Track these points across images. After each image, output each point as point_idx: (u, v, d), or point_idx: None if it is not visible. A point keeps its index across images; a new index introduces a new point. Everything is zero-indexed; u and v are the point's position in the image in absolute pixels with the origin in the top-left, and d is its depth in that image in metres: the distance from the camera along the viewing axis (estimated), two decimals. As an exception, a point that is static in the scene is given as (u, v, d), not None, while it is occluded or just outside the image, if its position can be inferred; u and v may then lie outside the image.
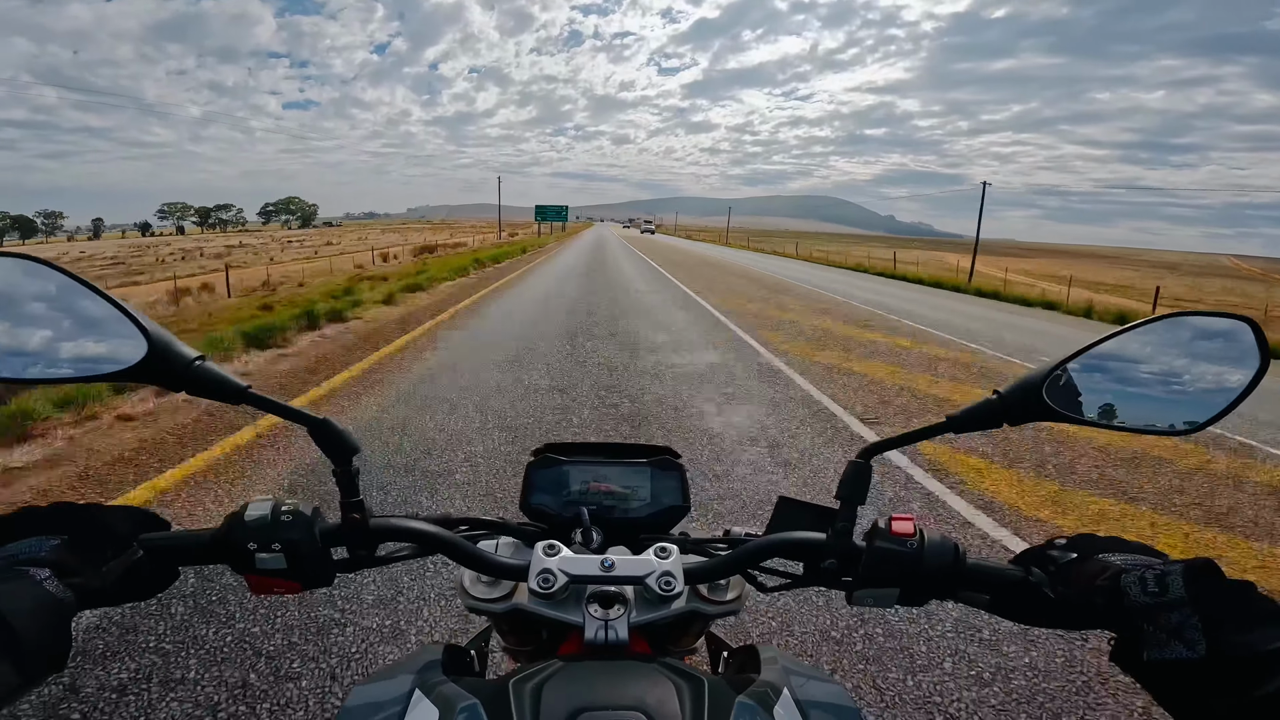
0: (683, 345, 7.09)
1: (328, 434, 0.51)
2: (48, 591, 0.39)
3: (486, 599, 0.57)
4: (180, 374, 0.46)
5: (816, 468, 3.63)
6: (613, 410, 4.52)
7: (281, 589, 0.51)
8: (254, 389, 0.48)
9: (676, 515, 0.66)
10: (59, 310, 0.45)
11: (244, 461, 3.36)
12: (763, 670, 0.49)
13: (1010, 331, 10.53)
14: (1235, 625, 0.39)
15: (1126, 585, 0.43)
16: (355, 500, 0.52)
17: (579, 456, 0.68)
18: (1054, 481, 3.62)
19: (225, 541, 0.49)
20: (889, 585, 0.52)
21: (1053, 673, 1.98)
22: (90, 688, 1.74)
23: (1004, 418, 0.50)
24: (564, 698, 0.41)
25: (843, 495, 0.54)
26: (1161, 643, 0.41)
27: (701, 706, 0.41)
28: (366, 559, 0.54)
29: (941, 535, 0.52)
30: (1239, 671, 0.37)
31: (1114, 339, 0.50)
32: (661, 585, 0.51)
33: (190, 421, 3.95)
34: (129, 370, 0.45)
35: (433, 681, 0.46)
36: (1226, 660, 0.38)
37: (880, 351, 7.41)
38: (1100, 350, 0.50)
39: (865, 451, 0.53)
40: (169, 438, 3.70)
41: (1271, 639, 0.37)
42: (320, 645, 1.96)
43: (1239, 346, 0.47)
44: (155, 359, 0.45)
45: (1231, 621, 0.39)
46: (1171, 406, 0.50)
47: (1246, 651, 0.37)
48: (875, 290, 17.35)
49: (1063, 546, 0.51)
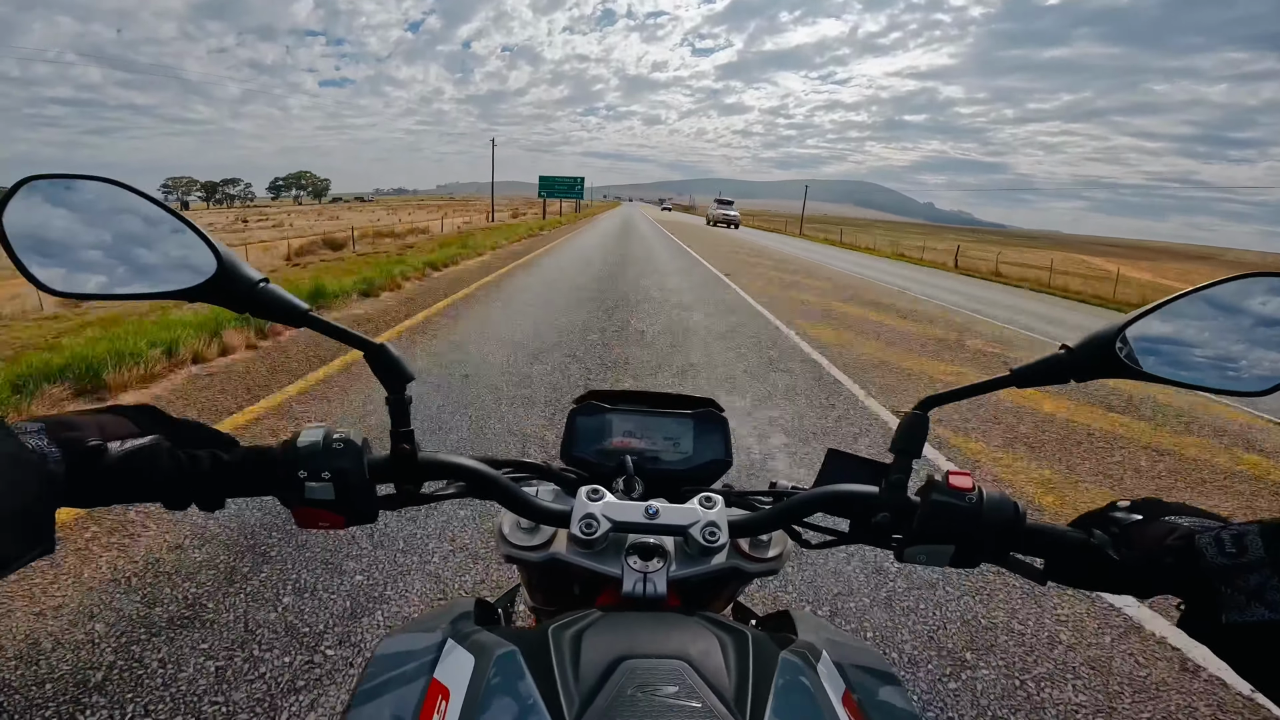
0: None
1: (383, 359, 0.51)
2: (18, 441, 0.36)
3: (526, 546, 0.57)
4: (245, 294, 0.48)
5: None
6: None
7: (327, 523, 0.51)
8: (313, 312, 0.49)
9: (719, 469, 0.67)
10: (139, 230, 0.47)
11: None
12: (800, 633, 0.50)
13: None
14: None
15: (1203, 546, 0.42)
16: (406, 430, 0.52)
17: (622, 405, 0.69)
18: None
19: (276, 466, 0.48)
20: (944, 542, 0.51)
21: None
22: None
23: (1071, 373, 0.49)
24: (605, 646, 0.41)
25: (897, 448, 0.52)
26: (1240, 605, 0.40)
27: (746, 659, 0.41)
28: (412, 495, 0.54)
29: (1002, 493, 0.51)
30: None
31: (1189, 296, 0.49)
32: (706, 536, 0.51)
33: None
34: (199, 287, 0.47)
35: (466, 631, 0.47)
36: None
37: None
38: (1174, 308, 0.49)
39: (924, 403, 0.52)
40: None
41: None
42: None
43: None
44: (223, 278, 0.47)
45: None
46: (1246, 365, 0.49)
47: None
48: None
49: (1126, 509, 0.49)
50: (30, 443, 0.36)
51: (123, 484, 0.42)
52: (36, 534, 0.34)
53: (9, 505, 0.33)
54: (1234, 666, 0.41)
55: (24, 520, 0.33)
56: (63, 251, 0.45)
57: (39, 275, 0.43)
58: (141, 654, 1.72)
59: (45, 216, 0.44)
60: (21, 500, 0.33)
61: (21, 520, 0.33)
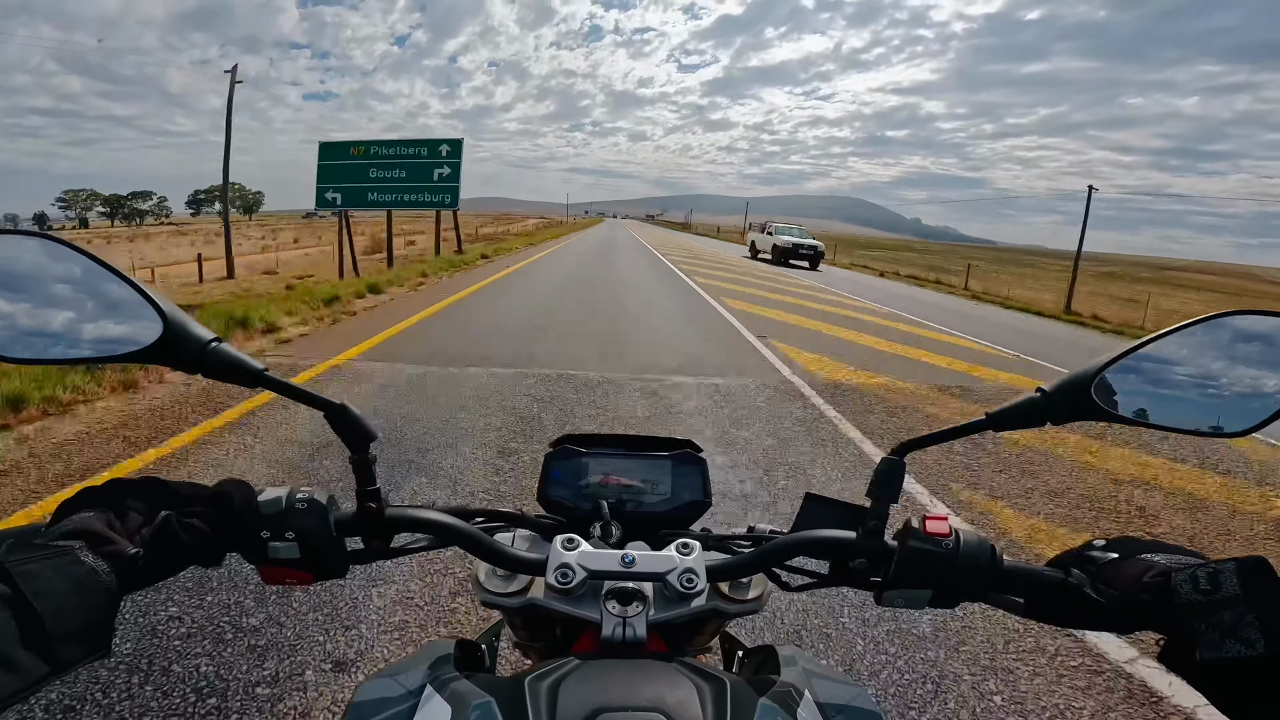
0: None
1: (345, 420, 0.52)
2: (83, 565, 0.40)
3: (502, 593, 0.59)
4: (195, 356, 0.48)
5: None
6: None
7: (294, 580, 0.53)
8: (270, 371, 0.50)
9: (697, 510, 0.68)
10: (79, 290, 0.48)
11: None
12: (783, 671, 0.51)
13: None
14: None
15: (1178, 584, 0.44)
16: (372, 489, 0.54)
17: (598, 448, 0.70)
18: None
19: (238, 529, 0.50)
20: (922, 587, 0.53)
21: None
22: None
23: (1047, 416, 0.52)
24: (582, 697, 0.42)
25: (874, 493, 0.55)
26: (1215, 642, 0.41)
27: (724, 708, 0.42)
28: (381, 550, 0.56)
29: (978, 536, 0.53)
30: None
31: (1163, 338, 0.51)
32: (683, 583, 0.52)
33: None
34: (144, 351, 0.48)
35: (445, 678, 0.47)
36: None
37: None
38: (1149, 351, 0.52)
39: (899, 449, 0.55)
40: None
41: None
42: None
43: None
44: (171, 339, 0.48)
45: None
46: (1222, 407, 0.51)
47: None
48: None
49: (1102, 548, 0.52)
50: (89, 563, 0.40)
51: (154, 575, 0.46)
52: (97, 642, 0.39)
53: (79, 620, 0.38)
54: (1212, 701, 0.43)
55: (87, 631, 0.38)
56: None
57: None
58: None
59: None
60: (87, 615, 0.38)
61: (85, 631, 0.38)
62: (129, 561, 0.43)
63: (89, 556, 0.40)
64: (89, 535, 0.42)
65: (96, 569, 0.40)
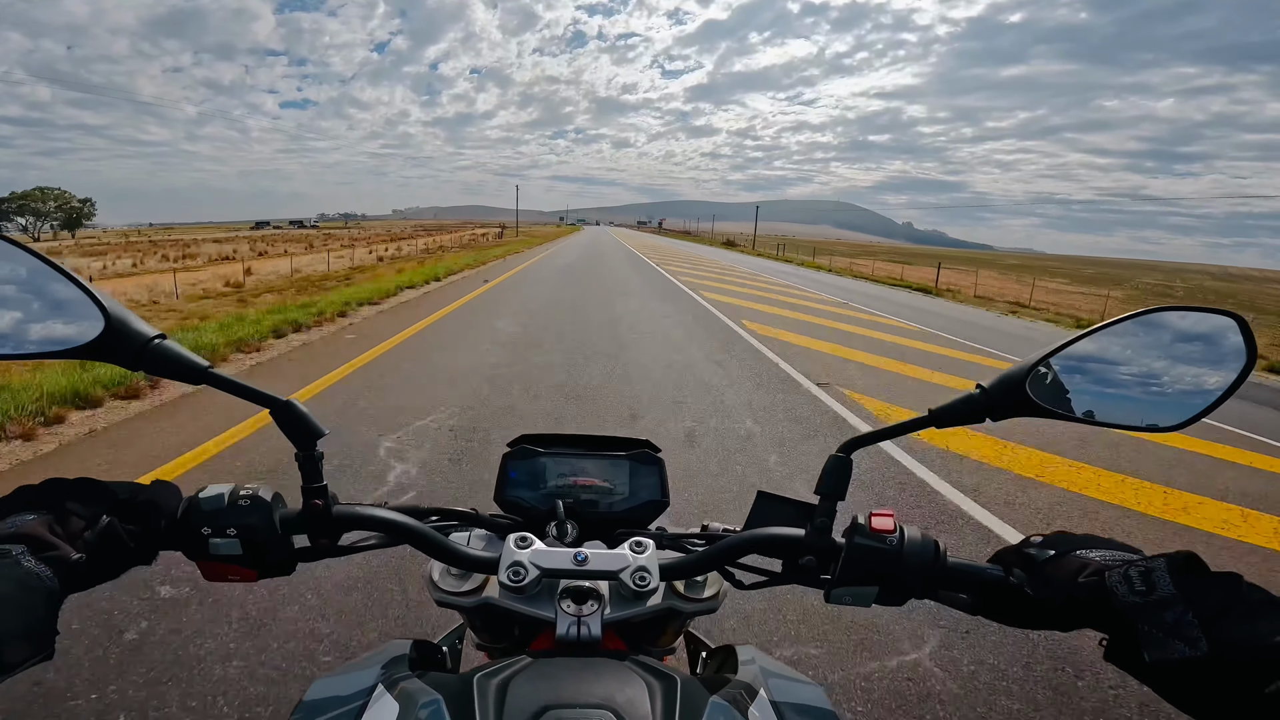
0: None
1: (291, 416, 0.53)
2: (23, 568, 0.41)
3: (455, 592, 0.60)
4: (137, 352, 0.50)
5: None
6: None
7: (236, 576, 0.54)
8: (214, 369, 0.51)
9: (655, 510, 0.70)
10: (24, 289, 0.49)
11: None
12: (740, 670, 0.53)
13: None
14: (1234, 619, 0.41)
15: (1113, 584, 0.46)
16: (318, 486, 0.55)
17: (556, 448, 0.71)
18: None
19: (178, 524, 0.51)
20: (867, 584, 0.54)
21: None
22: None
23: (986, 412, 0.54)
24: (530, 695, 0.43)
25: (822, 490, 0.57)
26: (1161, 643, 0.43)
27: (673, 706, 0.43)
28: (329, 548, 0.57)
29: (922, 533, 0.55)
30: (1246, 667, 0.39)
31: (1097, 334, 0.54)
32: (636, 581, 0.54)
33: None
34: (84, 347, 0.49)
35: (397, 677, 0.49)
36: (1231, 656, 0.40)
37: None
38: (1080, 348, 0.54)
39: (846, 446, 0.56)
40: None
41: (1275, 631, 0.40)
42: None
43: (1225, 342, 0.52)
44: (111, 336, 0.49)
45: (1229, 616, 0.41)
46: (1153, 402, 0.54)
47: (1251, 646, 0.40)
48: None
49: (1039, 545, 0.53)
50: (29, 567, 0.42)
51: (96, 578, 0.48)
52: (40, 644, 0.41)
53: (20, 624, 0.40)
54: (1167, 699, 0.43)
55: (29, 634, 0.40)
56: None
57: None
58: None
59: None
60: (28, 618, 0.40)
61: (27, 634, 0.40)
62: (71, 566, 0.45)
63: (30, 561, 0.42)
64: (30, 539, 0.43)
65: (38, 573, 0.42)
